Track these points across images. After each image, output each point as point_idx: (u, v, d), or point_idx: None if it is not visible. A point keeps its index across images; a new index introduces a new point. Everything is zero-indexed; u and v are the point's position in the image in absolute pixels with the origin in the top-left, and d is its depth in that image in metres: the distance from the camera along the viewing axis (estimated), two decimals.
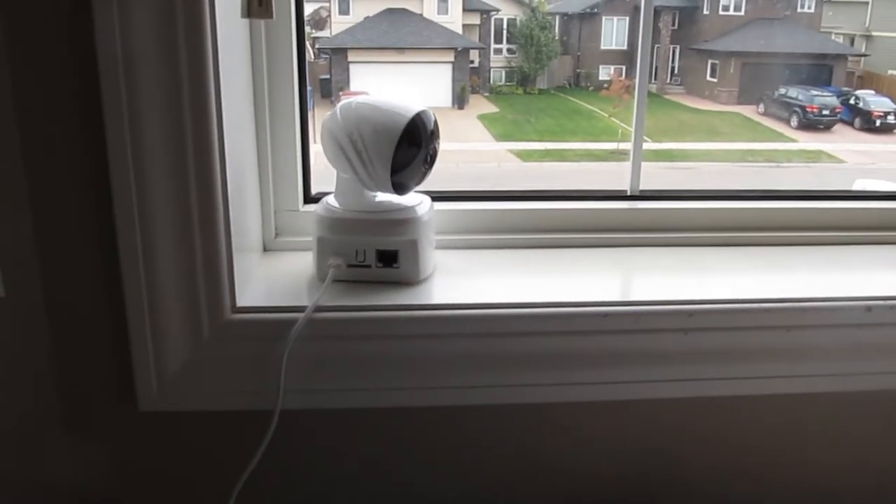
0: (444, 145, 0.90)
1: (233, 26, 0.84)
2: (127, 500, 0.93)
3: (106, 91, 0.74)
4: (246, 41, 0.90)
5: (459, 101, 2.21)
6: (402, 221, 0.88)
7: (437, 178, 0.97)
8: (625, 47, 2.32)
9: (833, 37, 2.23)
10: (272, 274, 0.93)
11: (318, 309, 0.83)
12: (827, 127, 2.27)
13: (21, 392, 0.85)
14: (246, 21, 0.89)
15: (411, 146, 0.85)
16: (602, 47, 2.33)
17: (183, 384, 0.84)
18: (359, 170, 0.86)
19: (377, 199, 0.90)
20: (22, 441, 0.87)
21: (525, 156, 2.42)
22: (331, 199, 0.91)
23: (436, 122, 0.89)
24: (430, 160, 0.88)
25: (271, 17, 0.82)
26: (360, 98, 0.89)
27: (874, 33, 2.13)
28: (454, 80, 2.16)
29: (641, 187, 1.04)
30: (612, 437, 0.94)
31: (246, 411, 0.84)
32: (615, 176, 1.07)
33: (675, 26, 2.28)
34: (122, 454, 0.90)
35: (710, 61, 2.33)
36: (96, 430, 0.89)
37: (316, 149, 0.99)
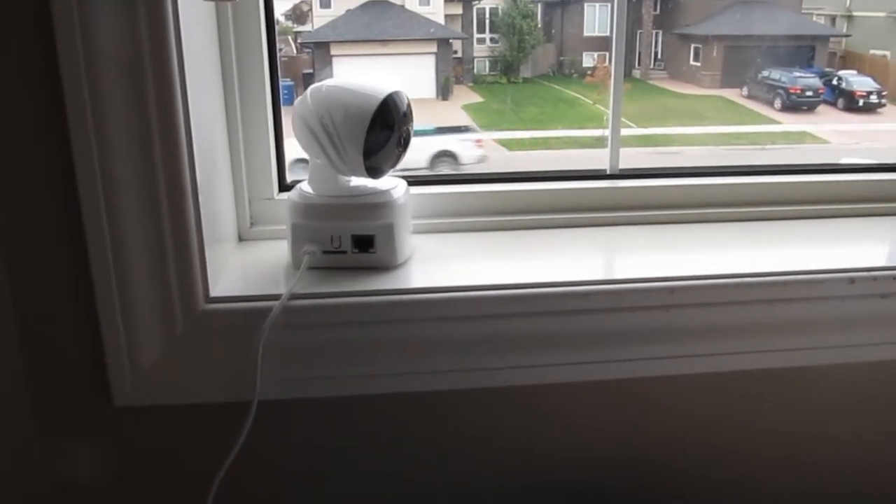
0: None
1: (197, 13, 0.82)
2: (104, 496, 0.91)
3: (68, 84, 0.72)
4: (213, 29, 0.89)
5: (444, 91, 2.19)
6: (378, 205, 0.87)
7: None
8: (607, 33, 2.30)
9: (814, 18, 2.23)
10: (247, 263, 0.91)
11: (294, 297, 0.82)
12: (810, 108, 2.26)
13: None
14: (212, 8, 0.87)
15: (384, 128, 0.84)
16: (585, 34, 2.32)
17: (158, 377, 0.82)
18: (331, 154, 0.85)
19: (351, 183, 0.89)
20: None
21: (511, 145, 2.41)
22: (304, 186, 0.90)
23: (409, 103, 0.87)
24: (404, 142, 0.87)
25: None
26: (330, 81, 0.87)
27: (855, 13, 2.13)
28: (438, 71, 2.15)
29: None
30: (597, 417, 0.93)
31: (223, 403, 0.82)
32: (601, 163, 1.06)
33: (657, 11, 2.27)
34: (98, 450, 0.88)
35: (692, 45, 2.32)
36: (71, 427, 0.87)
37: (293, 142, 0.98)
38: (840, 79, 2.15)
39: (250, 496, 0.91)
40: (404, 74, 2.11)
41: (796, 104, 2.19)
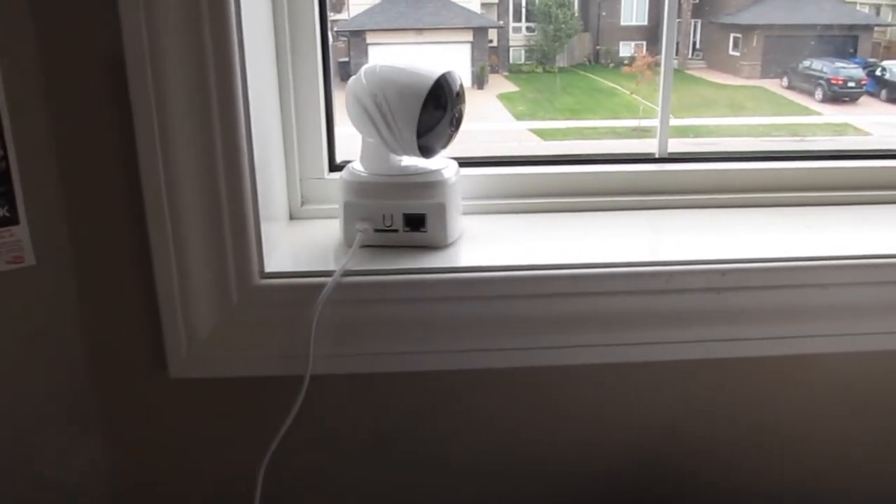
0: (463, 125, 0.90)
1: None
2: (158, 466, 0.93)
3: (132, 68, 0.74)
4: (269, 12, 0.90)
5: (479, 80, 2.18)
6: (430, 185, 0.87)
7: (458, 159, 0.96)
8: (645, 23, 2.28)
9: (858, 7, 2.19)
10: (299, 241, 0.93)
11: (347, 273, 0.83)
12: (852, 99, 2.22)
13: (51, 361, 0.85)
14: None
15: (437, 108, 0.85)
16: (622, 23, 2.30)
17: (213, 350, 0.84)
18: (384, 133, 0.85)
19: (403, 163, 0.90)
20: (52, 409, 0.87)
21: (545, 134, 2.40)
22: (356, 165, 0.91)
23: (461, 84, 0.88)
24: (455, 122, 0.87)
25: None
26: (383, 61, 0.88)
27: None
28: (473, 60, 2.14)
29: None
30: (645, 398, 0.93)
31: (276, 377, 0.84)
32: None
33: (697, 0, 2.24)
34: (153, 421, 0.90)
35: (732, 35, 2.29)
36: (128, 398, 0.89)
37: (340, 131, 0.99)
38: (884, 69, 2.11)
39: (301, 469, 0.93)
40: (440, 63, 2.12)
41: (838, 95, 2.15)
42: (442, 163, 0.90)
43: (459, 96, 0.87)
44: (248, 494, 0.85)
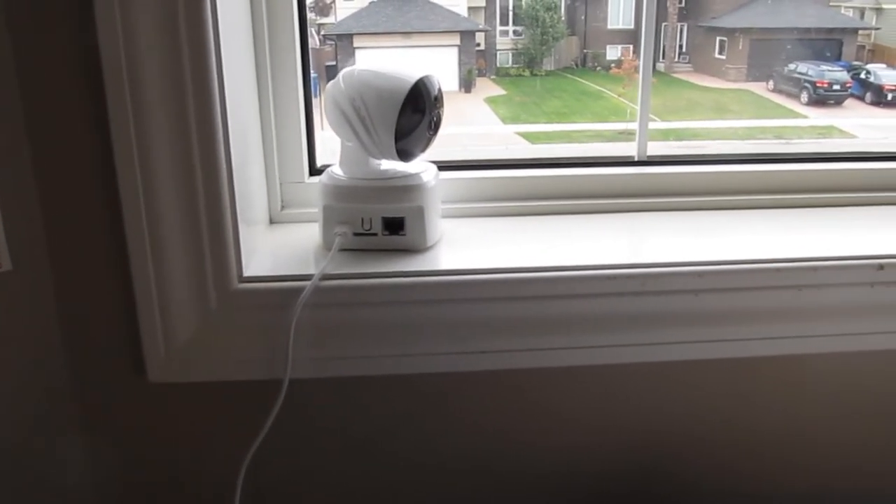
0: (451, 129, 0.90)
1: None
2: (138, 472, 0.93)
3: (108, 70, 0.74)
4: (247, 10, 0.90)
5: (466, 84, 2.19)
6: (408, 188, 0.88)
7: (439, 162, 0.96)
8: (632, 26, 2.29)
9: (843, 10, 2.21)
10: (278, 245, 0.93)
11: (325, 277, 0.83)
12: (838, 102, 2.23)
13: (29, 366, 0.85)
14: None
15: (415, 112, 0.85)
16: (609, 27, 2.31)
17: (192, 354, 0.84)
18: (363, 137, 0.86)
19: (382, 166, 0.90)
20: (31, 415, 0.87)
21: (533, 138, 2.40)
22: (335, 169, 0.91)
23: (440, 87, 0.88)
24: (434, 126, 0.88)
25: None
26: (362, 65, 0.88)
27: (884, 6, 2.10)
28: (460, 64, 2.15)
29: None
30: (623, 400, 0.93)
31: (255, 381, 0.84)
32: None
33: (682, 3, 2.26)
34: (133, 426, 0.90)
35: (718, 38, 2.30)
36: (107, 403, 0.89)
37: (323, 136, 1.00)
38: (868, 72, 2.13)
39: (281, 474, 0.93)
40: (427, 67, 2.12)
41: (823, 98, 2.17)
42: (421, 166, 0.91)
43: (438, 100, 0.87)
44: (229, 499, 0.85)
